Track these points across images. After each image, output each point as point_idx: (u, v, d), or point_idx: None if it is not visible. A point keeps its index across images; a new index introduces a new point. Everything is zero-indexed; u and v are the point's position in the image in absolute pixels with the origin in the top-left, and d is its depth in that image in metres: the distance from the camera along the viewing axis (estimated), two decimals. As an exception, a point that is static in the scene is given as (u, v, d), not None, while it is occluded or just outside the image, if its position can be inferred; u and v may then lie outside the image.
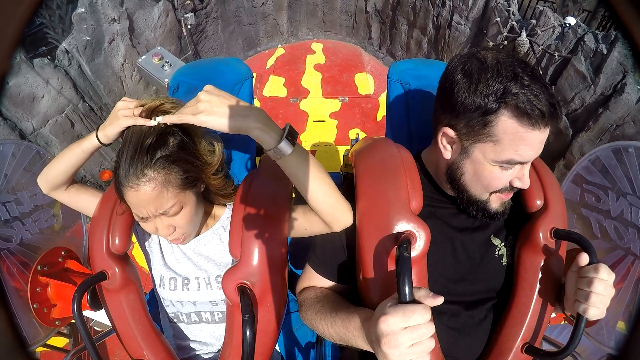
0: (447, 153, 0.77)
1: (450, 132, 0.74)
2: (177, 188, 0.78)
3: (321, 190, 0.73)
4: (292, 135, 0.69)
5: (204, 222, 0.95)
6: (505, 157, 0.69)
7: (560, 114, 0.68)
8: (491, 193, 0.76)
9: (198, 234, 0.93)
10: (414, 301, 0.57)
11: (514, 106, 0.66)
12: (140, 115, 0.75)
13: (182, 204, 0.81)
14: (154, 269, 0.96)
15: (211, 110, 0.67)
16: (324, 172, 0.75)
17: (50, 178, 0.87)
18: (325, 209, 0.75)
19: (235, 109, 0.67)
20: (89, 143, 0.82)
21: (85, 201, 0.92)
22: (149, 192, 0.74)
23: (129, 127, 0.77)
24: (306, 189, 0.73)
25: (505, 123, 0.67)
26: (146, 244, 0.96)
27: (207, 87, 0.71)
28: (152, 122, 0.74)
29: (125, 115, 0.75)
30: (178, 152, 0.77)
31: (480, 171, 0.73)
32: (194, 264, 0.93)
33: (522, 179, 0.73)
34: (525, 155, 0.69)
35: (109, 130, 0.78)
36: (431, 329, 0.55)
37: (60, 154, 0.86)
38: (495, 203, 0.78)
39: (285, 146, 0.68)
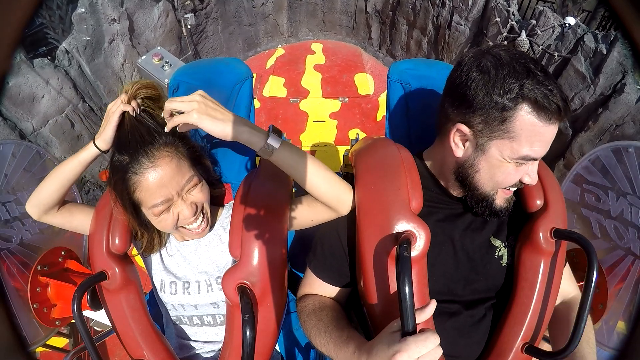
0: (459, 151, 0.77)
1: (464, 129, 0.74)
2: (189, 160, 0.82)
3: (319, 177, 0.75)
4: (277, 132, 0.75)
5: None
6: (521, 153, 0.70)
7: (570, 110, 0.70)
8: (498, 189, 0.77)
9: None
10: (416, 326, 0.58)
11: (533, 101, 0.67)
12: (128, 103, 0.77)
13: (198, 177, 0.82)
14: (154, 274, 0.95)
15: (205, 112, 0.69)
16: (317, 160, 0.77)
17: (42, 198, 0.83)
18: (327, 194, 0.76)
19: (226, 115, 0.71)
20: (87, 153, 0.81)
21: (79, 220, 0.90)
22: (168, 163, 0.76)
23: (122, 129, 0.78)
24: (304, 179, 0.75)
25: (523, 118, 0.68)
26: None
27: (201, 91, 0.73)
28: (128, 107, 0.76)
29: (113, 110, 0.77)
30: (174, 133, 0.79)
31: (496, 168, 0.73)
32: (194, 266, 0.93)
33: (531, 175, 0.74)
34: (539, 151, 0.71)
35: (105, 132, 0.78)
36: (439, 351, 0.57)
37: (52, 172, 0.83)
38: (500, 199, 0.78)
39: (272, 141, 0.72)
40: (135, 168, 0.75)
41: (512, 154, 0.70)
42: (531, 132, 0.68)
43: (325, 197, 0.77)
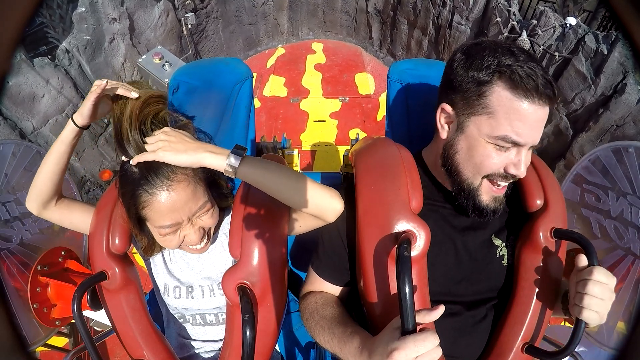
0: (444, 132, 0.77)
1: (448, 108, 0.75)
2: (205, 183, 0.80)
3: (290, 188, 0.74)
4: (238, 150, 0.72)
5: None
6: (500, 132, 0.68)
7: (556, 93, 0.68)
8: (483, 178, 0.74)
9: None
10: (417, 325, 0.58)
11: (508, 77, 0.67)
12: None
13: (211, 202, 0.81)
14: (158, 277, 0.95)
15: (169, 148, 0.71)
16: (289, 170, 0.75)
17: (38, 190, 0.83)
18: (304, 204, 0.74)
19: (188, 145, 0.72)
20: (67, 130, 0.81)
21: (78, 217, 0.89)
22: (185, 189, 0.74)
23: (122, 123, 0.74)
24: (276, 192, 0.74)
25: (500, 94, 0.68)
26: None
27: (166, 128, 0.75)
28: (134, 93, 0.76)
29: (97, 84, 0.76)
30: None
31: (474, 147, 0.72)
32: (197, 272, 0.93)
33: (517, 165, 0.70)
34: (522, 133, 0.68)
35: (83, 107, 0.78)
36: (439, 352, 0.57)
37: (41, 162, 0.83)
38: (486, 195, 0.75)
39: (232, 160, 0.71)
40: (148, 186, 0.72)
41: (491, 131, 0.69)
42: (509, 108, 0.67)
43: (304, 208, 0.75)
